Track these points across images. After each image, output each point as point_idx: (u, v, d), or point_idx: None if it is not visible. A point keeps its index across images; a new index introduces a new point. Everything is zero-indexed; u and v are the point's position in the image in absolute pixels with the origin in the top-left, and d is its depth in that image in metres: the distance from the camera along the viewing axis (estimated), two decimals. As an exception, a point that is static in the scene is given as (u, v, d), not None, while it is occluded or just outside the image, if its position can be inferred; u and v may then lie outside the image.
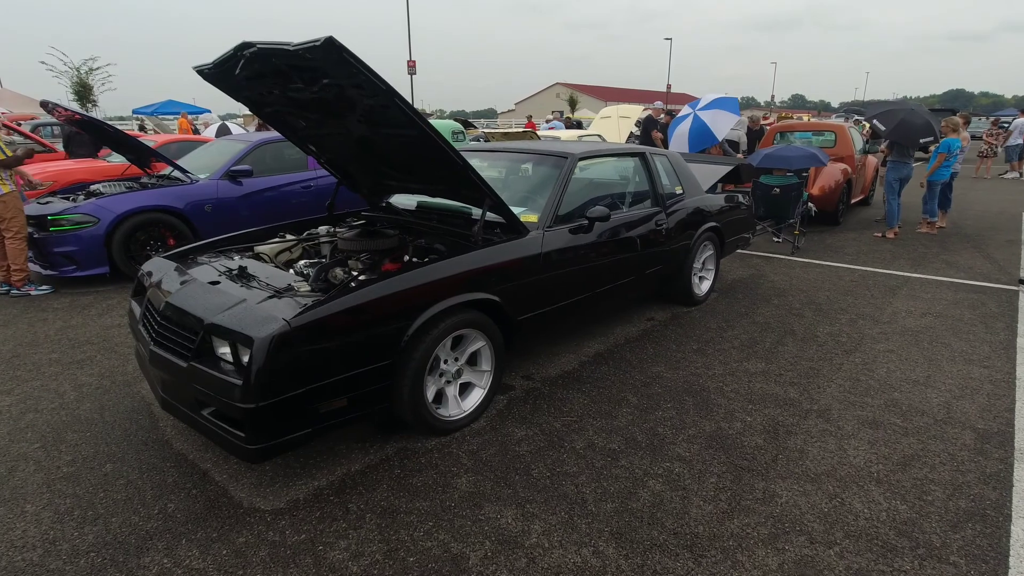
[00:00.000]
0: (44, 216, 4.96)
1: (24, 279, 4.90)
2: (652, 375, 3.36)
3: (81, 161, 9.04)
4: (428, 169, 2.82)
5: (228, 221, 5.74)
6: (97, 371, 3.42)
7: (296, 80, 2.40)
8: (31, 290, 4.93)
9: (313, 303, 2.15)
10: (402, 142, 2.62)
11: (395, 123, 2.42)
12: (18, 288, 4.89)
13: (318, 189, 6.41)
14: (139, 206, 5.18)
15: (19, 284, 4.89)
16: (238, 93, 2.97)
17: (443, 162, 2.57)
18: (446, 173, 2.72)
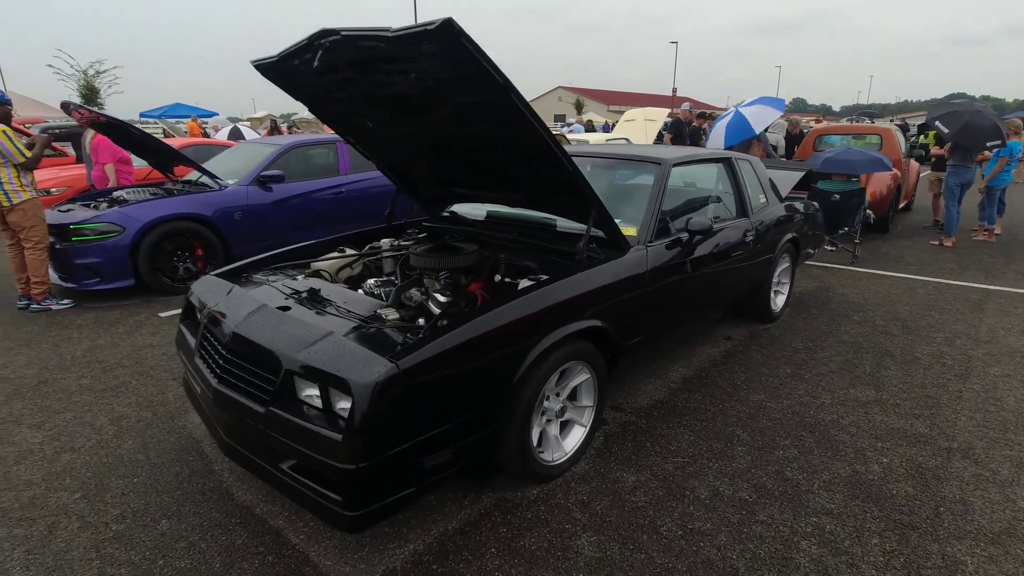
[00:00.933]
0: (66, 225, 4.62)
1: (45, 292, 4.56)
2: (754, 405, 3.01)
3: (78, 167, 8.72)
4: (523, 175, 2.47)
5: (258, 230, 5.40)
6: (134, 400, 3.07)
7: (383, 71, 2.06)
8: (52, 304, 4.59)
9: (420, 338, 1.81)
10: (498, 143, 2.28)
11: (499, 121, 2.07)
12: (38, 302, 4.55)
13: (349, 195, 6.07)
14: (166, 214, 4.84)
15: (40, 298, 4.55)
16: (299, 89, 2.63)
17: (548, 167, 2.22)
18: (547, 180, 2.37)
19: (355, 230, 3.40)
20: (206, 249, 5.11)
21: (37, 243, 4.45)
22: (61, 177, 7.76)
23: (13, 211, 4.32)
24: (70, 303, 4.65)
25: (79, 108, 4.82)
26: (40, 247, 4.47)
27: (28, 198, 4.36)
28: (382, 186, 6.40)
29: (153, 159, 5.88)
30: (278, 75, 2.54)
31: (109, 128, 5.31)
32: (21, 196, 4.32)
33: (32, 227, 4.41)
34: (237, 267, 2.77)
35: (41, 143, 4.48)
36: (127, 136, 5.42)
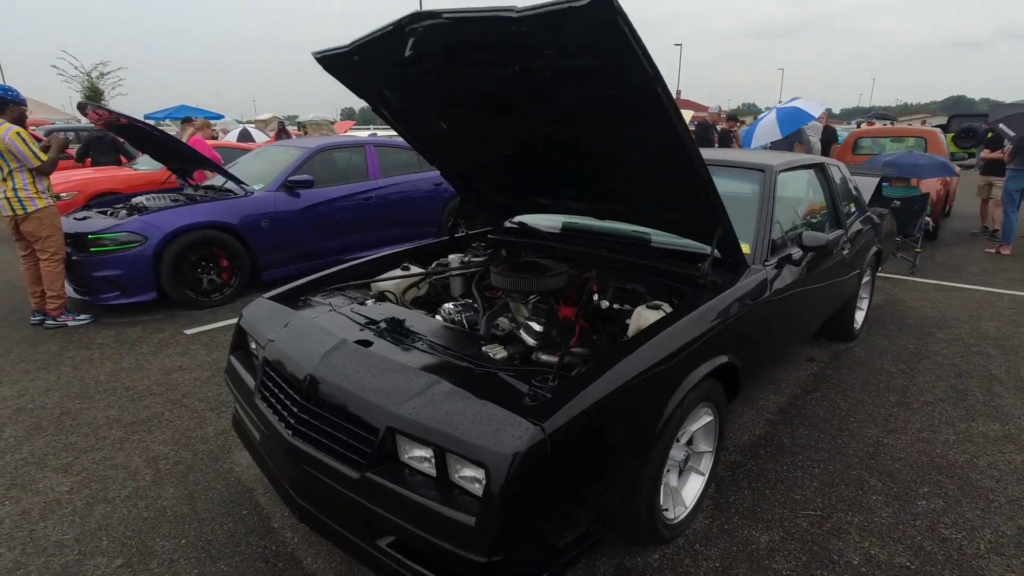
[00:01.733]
0: (83, 235, 4.28)
1: (61, 307, 4.22)
2: (870, 442, 2.67)
3: (102, 169, 8.40)
4: (635, 183, 2.13)
5: (285, 238, 5.06)
6: (169, 435, 2.73)
7: (486, 62, 1.73)
8: (68, 320, 4.25)
9: (557, 388, 1.47)
10: (616, 146, 1.94)
11: (631, 120, 1.74)
12: (54, 318, 4.21)
13: (379, 200, 5.74)
14: (191, 223, 4.50)
15: (56, 313, 4.21)
16: (366, 84, 2.30)
17: (678, 175, 1.88)
18: (668, 189, 2.03)
19: (413, 243, 3.07)
20: (231, 259, 4.77)
21: (53, 254, 4.11)
22: (71, 181, 7.42)
23: (28, 220, 3.98)
24: (88, 319, 4.31)
25: (97, 108, 4.49)
26: (56, 258, 4.13)
27: (44, 205, 4.03)
28: (413, 191, 6.07)
29: (173, 163, 5.54)
30: (345, 68, 2.22)
31: (127, 130, 4.98)
32: (36, 203, 3.99)
33: (48, 237, 4.07)
34: (291, 289, 2.43)
35: (57, 145, 4.14)
36: (147, 139, 5.08)
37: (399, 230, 5.99)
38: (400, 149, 6.22)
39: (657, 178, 2.00)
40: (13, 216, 3.98)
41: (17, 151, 3.84)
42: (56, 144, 4.15)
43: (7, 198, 3.94)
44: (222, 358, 3.63)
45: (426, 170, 6.30)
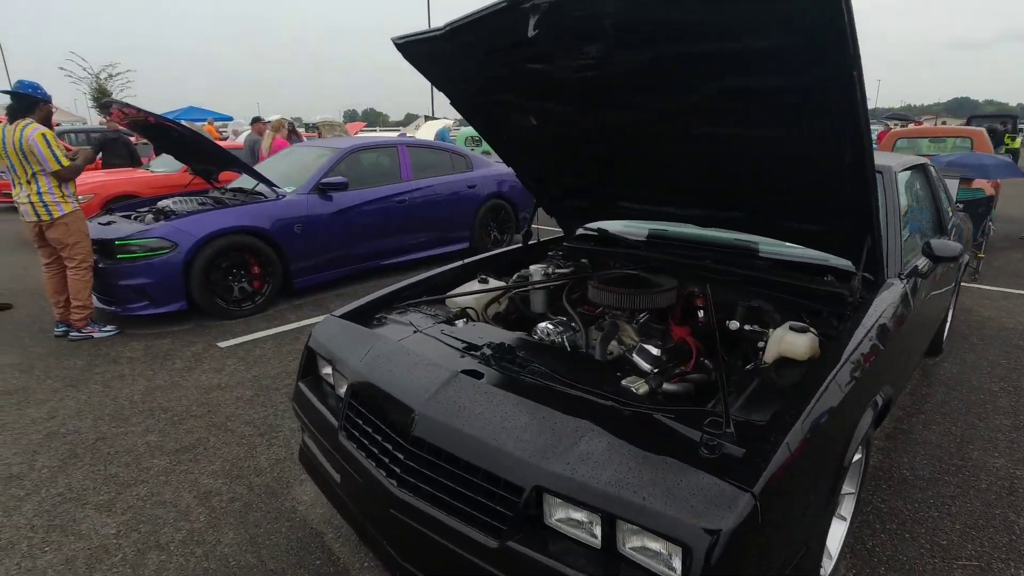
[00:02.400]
0: (110, 241, 4.02)
1: (87, 318, 3.96)
2: (1003, 475, 2.39)
3: (117, 171, 8.16)
4: (771, 186, 1.86)
5: (318, 243, 4.80)
6: (219, 465, 2.47)
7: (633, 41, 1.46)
8: (94, 331, 4.00)
9: (740, 437, 1.20)
10: (759, 143, 1.67)
11: (796, 114, 1.47)
12: (79, 329, 3.95)
13: (413, 203, 5.48)
14: (222, 228, 4.24)
15: (81, 324, 3.95)
16: (452, 74, 2.05)
17: (836, 178, 1.61)
18: (816, 194, 1.76)
19: (487, 252, 2.81)
20: (263, 266, 4.51)
21: (81, 261, 3.86)
22: (87, 184, 7.16)
23: (54, 226, 3.73)
24: (114, 330, 4.06)
25: (124, 107, 4.24)
26: (84, 266, 3.88)
27: (71, 210, 3.78)
28: (447, 193, 5.82)
29: (200, 165, 5.29)
30: (428, 55, 1.96)
31: (152, 129, 4.72)
32: (63, 208, 3.73)
33: (76, 244, 3.82)
34: (363, 306, 2.16)
35: (84, 157, 3.90)
36: (173, 140, 4.83)
37: (433, 233, 5.73)
38: (432, 150, 5.96)
39: (804, 181, 1.72)
40: (38, 222, 3.73)
41: (38, 152, 3.58)
42: (83, 156, 3.91)
43: (31, 202, 3.68)
44: (263, 375, 3.37)
45: (459, 171, 6.05)
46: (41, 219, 3.71)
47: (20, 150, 3.59)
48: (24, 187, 3.69)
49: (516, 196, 6.54)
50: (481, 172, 6.23)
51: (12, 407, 3.01)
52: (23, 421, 2.87)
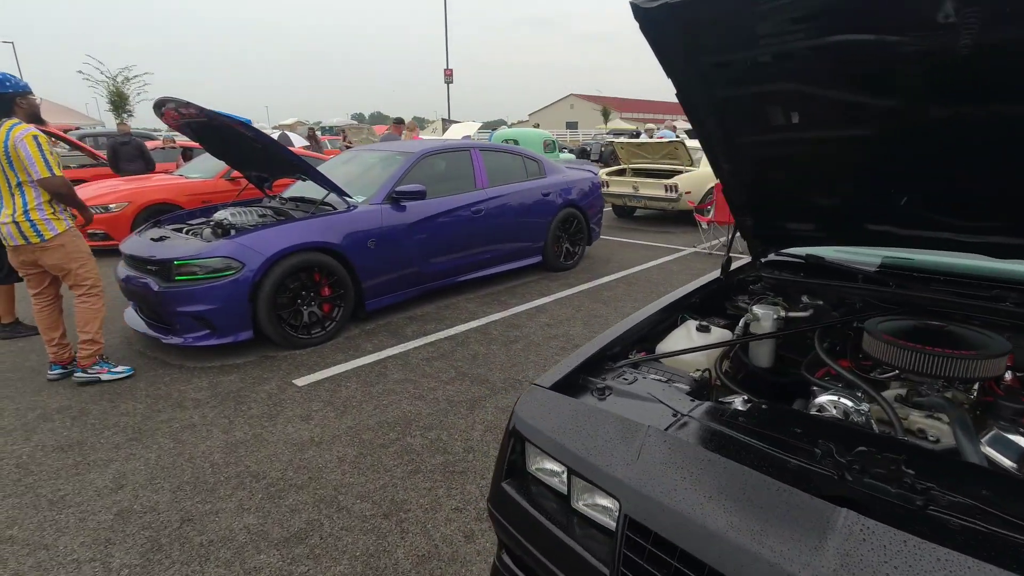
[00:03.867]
0: (168, 261, 3.49)
1: (95, 354, 3.36)
2: None
3: (147, 177, 7.66)
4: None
5: (390, 261, 4.26)
6: (348, 567, 1.91)
7: None
8: (103, 372, 3.38)
9: None
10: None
11: None
12: (84, 368, 3.34)
13: (488, 214, 4.93)
14: (293, 244, 3.69)
15: (88, 362, 3.34)
16: (702, 52, 1.49)
17: None
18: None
19: (681, 291, 2.23)
20: (333, 287, 3.97)
21: (92, 287, 3.31)
22: (120, 191, 6.69)
23: (49, 250, 3.13)
24: (127, 371, 3.44)
25: (183, 107, 3.69)
26: (95, 292, 3.33)
27: (65, 229, 3.15)
28: (522, 202, 5.27)
29: (264, 170, 4.74)
30: (680, 26, 1.41)
31: (208, 132, 4.19)
32: (55, 227, 3.11)
33: (81, 266, 3.25)
34: (572, 371, 1.60)
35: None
36: (230, 143, 4.29)
37: (506, 247, 5.18)
38: (505, 154, 5.41)
39: None
40: (27, 245, 3.09)
41: (26, 156, 2.93)
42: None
43: (16, 222, 3.02)
44: (361, 425, 2.82)
45: (532, 177, 5.50)
46: (30, 242, 3.07)
47: (5, 155, 2.94)
48: (6, 203, 3.04)
49: (588, 204, 5.99)
50: (554, 178, 5.67)
51: (70, 471, 2.47)
52: (86, 492, 2.32)
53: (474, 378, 3.37)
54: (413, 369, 3.50)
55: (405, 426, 2.82)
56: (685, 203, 8.06)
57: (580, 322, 4.34)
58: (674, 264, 6.18)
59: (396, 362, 3.61)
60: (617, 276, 5.67)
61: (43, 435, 2.77)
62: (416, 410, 2.98)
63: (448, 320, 4.39)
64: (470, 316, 4.48)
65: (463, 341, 3.96)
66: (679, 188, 7.93)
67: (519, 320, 4.39)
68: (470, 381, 3.33)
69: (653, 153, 8.55)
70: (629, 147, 8.79)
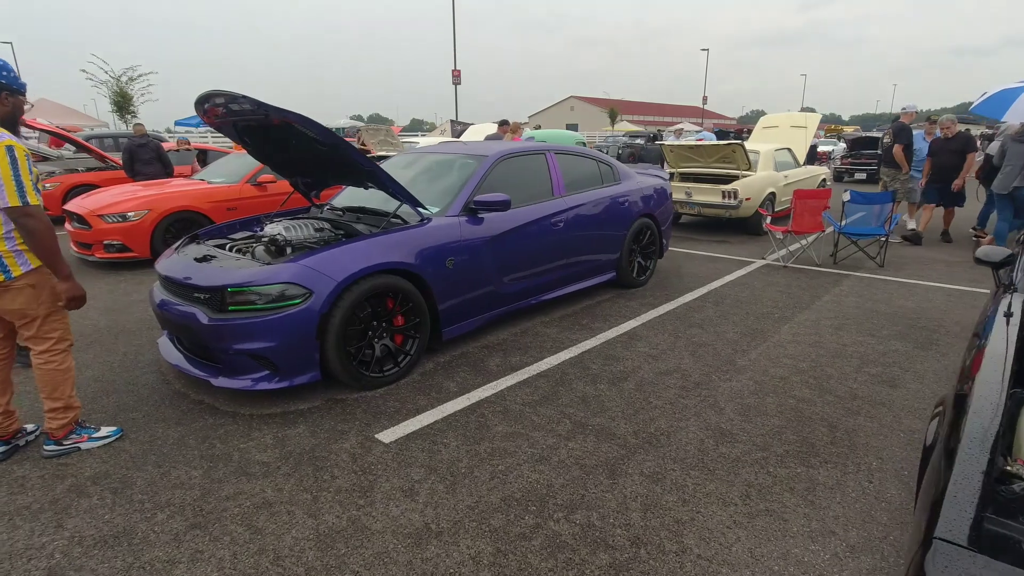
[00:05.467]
0: (220, 288, 2.88)
1: (71, 422, 2.66)
2: None
3: (164, 183, 7.05)
4: None
5: (470, 282, 3.66)
6: None
7: None
8: (82, 440, 2.67)
9: None
10: None
11: None
12: (57, 439, 2.62)
13: (568, 226, 4.33)
14: (368, 266, 3.09)
15: (63, 432, 2.63)
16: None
17: None
18: None
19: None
20: (407, 315, 3.36)
21: (59, 340, 2.56)
22: (138, 198, 6.06)
23: (13, 291, 2.40)
24: (115, 432, 2.75)
25: (233, 101, 3.06)
26: (63, 346, 2.58)
27: (38, 265, 2.44)
28: (600, 211, 4.67)
29: (312, 176, 4.12)
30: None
31: (257, 130, 3.56)
32: (26, 262, 2.40)
33: (49, 316, 2.51)
34: (977, 510, 1.00)
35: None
36: (278, 143, 3.67)
37: (584, 262, 4.58)
38: (580, 157, 4.82)
39: None
40: None
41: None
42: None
43: None
44: (482, 503, 2.21)
45: (607, 184, 4.91)
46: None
47: None
48: None
49: (661, 213, 5.40)
50: (628, 184, 5.08)
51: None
52: (147, 620, 1.71)
53: (596, 431, 2.77)
54: (517, 418, 2.90)
55: (540, 505, 2.22)
56: (746, 210, 7.49)
57: (687, 353, 3.74)
58: (753, 279, 5.59)
59: (493, 408, 3.01)
60: (697, 294, 5.08)
61: (80, 520, 2.15)
62: (544, 480, 2.38)
63: (532, 350, 3.78)
64: (555, 344, 3.87)
65: (562, 379, 3.36)
66: (739, 194, 7.35)
67: (614, 350, 3.79)
68: (594, 435, 2.73)
69: (707, 156, 7.96)
70: (680, 150, 8.20)
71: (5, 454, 2.60)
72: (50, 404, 2.60)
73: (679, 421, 2.87)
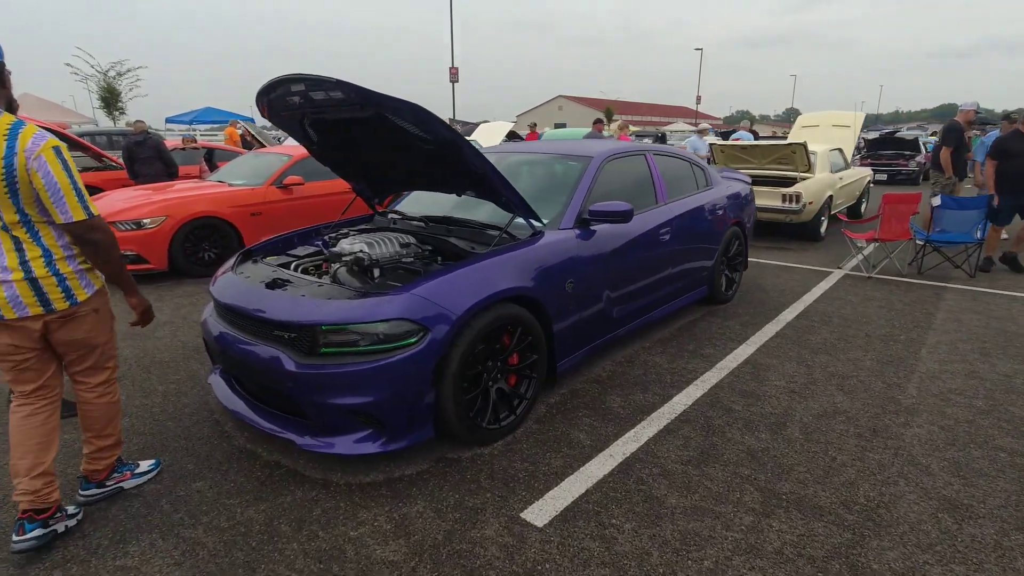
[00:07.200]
0: (311, 326, 2.25)
1: (114, 460, 2.25)
2: None
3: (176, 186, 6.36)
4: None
5: (585, 306, 3.07)
6: None
7: None
8: (124, 478, 2.27)
9: None
10: None
11: None
12: (99, 482, 2.21)
13: (673, 237, 3.77)
14: (490, 294, 2.48)
15: (105, 473, 2.22)
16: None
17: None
18: None
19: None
20: (523, 352, 2.75)
21: (114, 370, 2.18)
22: (153, 203, 5.37)
23: (77, 319, 1.96)
24: (154, 466, 2.37)
25: (327, 89, 2.42)
26: (115, 377, 2.20)
27: (101, 285, 2.04)
28: (700, 220, 4.12)
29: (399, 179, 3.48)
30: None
31: (333, 126, 2.93)
32: (90, 284, 1.97)
33: (108, 343, 2.11)
34: None
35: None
36: (357, 141, 3.04)
37: (684, 276, 4.02)
38: (674, 159, 4.25)
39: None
40: (43, 316, 1.88)
41: (46, 181, 1.76)
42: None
43: (30, 278, 1.83)
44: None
45: (701, 189, 4.36)
46: (53, 309, 1.88)
47: (8, 177, 1.73)
48: (4, 247, 1.82)
49: (748, 220, 4.87)
50: (720, 189, 4.53)
51: None
52: None
53: (796, 503, 2.20)
54: (685, 484, 2.32)
55: (792, 629, 1.65)
56: (807, 214, 7.00)
57: (833, 387, 3.19)
58: (845, 293, 5.07)
59: (649, 470, 2.42)
60: (795, 311, 4.55)
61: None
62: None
63: (651, 385, 3.21)
64: (674, 378, 3.31)
65: (708, 425, 2.79)
66: (802, 198, 6.85)
67: (746, 384, 3.23)
68: (796, 509, 2.16)
69: (762, 157, 7.46)
70: (731, 150, 7.68)
71: (40, 540, 1.94)
72: (99, 443, 2.18)
73: (886, 486, 2.32)
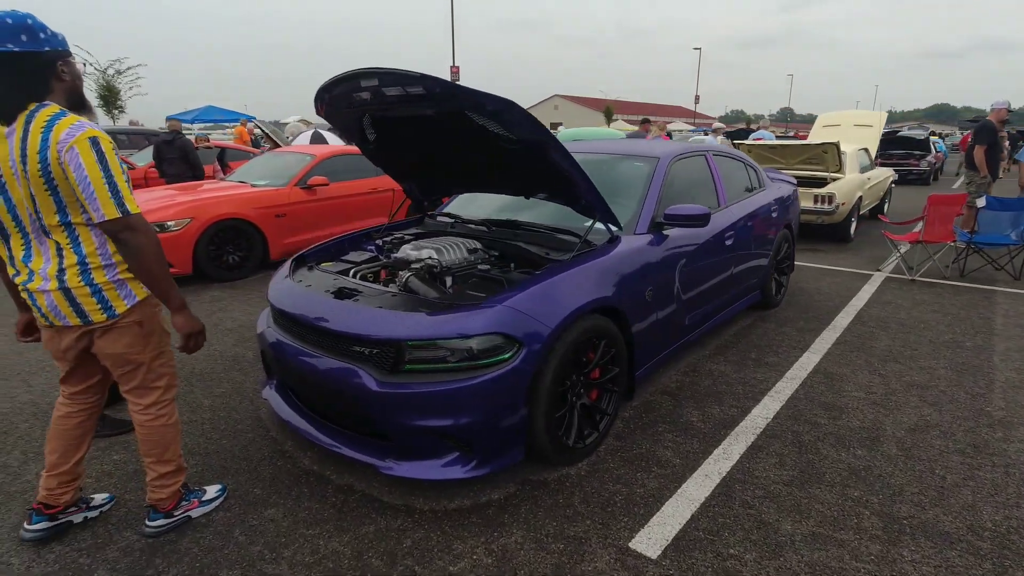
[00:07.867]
0: (396, 342, 2.08)
1: (179, 487, 2.06)
2: None
3: (201, 187, 6.17)
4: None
5: (660, 313, 2.91)
6: None
7: None
8: (193, 507, 2.09)
9: None
10: None
11: None
12: (167, 512, 2.02)
13: (736, 242, 3.62)
14: (581, 304, 2.32)
15: (172, 503, 2.03)
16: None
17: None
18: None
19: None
20: (604, 368, 2.59)
21: (167, 388, 1.97)
22: (178, 203, 5.18)
23: (117, 330, 1.80)
24: (221, 491, 2.20)
25: (404, 84, 2.23)
26: (170, 395, 1.99)
27: (144, 296, 1.83)
28: (756, 224, 3.97)
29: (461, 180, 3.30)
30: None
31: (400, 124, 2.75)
32: (132, 294, 1.79)
33: (158, 357, 1.91)
34: None
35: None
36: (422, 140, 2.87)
37: (742, 280, 3.88)
38: (731, 159, 4.10)
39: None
40: (83, 327, 1.76)
41: (79, 175, 1.58)
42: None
43: (64, 288, 1.70)
44: None
45: (755, 190, 4.21)
46: (90, 321, 1.75)
47: (44, 173, 1.60)
48: (36, 254, 1.71)
49: (795, 222, 4.74)
50: (772, 191, 4.39)
51: None
52: None
53: (921, 529, 2.05)
54: (795, 507, 2.17)
55: None
56: (839, 215, 6.87)
57: (915, 398, 3.06)
58: (895, 297, 4.94)
59: (752, 491, 2.27)
60: (849, 317, 4.41)
61: None
62: (929, 626, 1.66)
63: (724, 396, 3.06)
64: (746, 389, 3.16)
65: (797, 441, 2.64)
66: (835, 199, 6.72)
67: (823, 395, 3.08)
68: (923, 536, 2.01)
69: (792, 157, 7.33)
70: (760, 150, 7.54)
71: (46, 533, 1.92)
72: (159, 470, 1.98)
73: (1008, 508, 2.17)
